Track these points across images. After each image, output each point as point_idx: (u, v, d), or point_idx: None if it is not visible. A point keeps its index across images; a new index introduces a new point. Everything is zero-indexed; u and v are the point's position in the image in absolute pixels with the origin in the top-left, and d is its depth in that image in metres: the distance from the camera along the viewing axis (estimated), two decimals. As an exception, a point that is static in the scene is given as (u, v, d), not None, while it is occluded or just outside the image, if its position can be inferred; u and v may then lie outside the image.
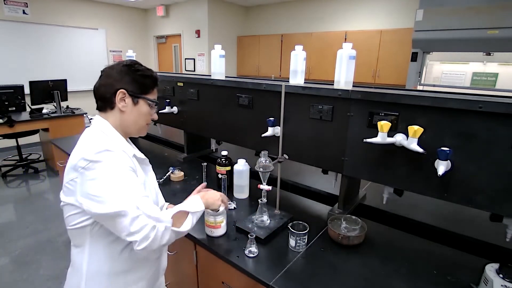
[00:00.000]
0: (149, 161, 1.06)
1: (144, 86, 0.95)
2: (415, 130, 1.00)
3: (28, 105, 4.03)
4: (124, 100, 0.92)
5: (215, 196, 1.08)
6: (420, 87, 3.69)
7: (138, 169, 0.94)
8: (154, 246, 0.83)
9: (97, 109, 0.96)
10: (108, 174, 0.80)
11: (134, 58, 2.34)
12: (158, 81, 1.00)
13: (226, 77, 1.75)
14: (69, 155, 0.89)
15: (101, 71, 0.95)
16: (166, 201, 1.16)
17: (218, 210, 1.13)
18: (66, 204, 0.87)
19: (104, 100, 0.93)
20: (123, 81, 0.92)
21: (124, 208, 0.79)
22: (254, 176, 1.51)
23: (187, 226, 0.92)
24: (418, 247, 1.21)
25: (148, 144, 2.65)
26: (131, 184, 0.83)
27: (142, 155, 1.00)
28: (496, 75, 3.42)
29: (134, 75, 0.93)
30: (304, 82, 1.40)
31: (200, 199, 1.00)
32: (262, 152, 1.26)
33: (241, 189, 1.59)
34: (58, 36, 5.53)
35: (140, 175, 0.94)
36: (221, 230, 1.23)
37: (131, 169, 0.86)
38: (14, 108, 3.87)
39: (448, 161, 0.97)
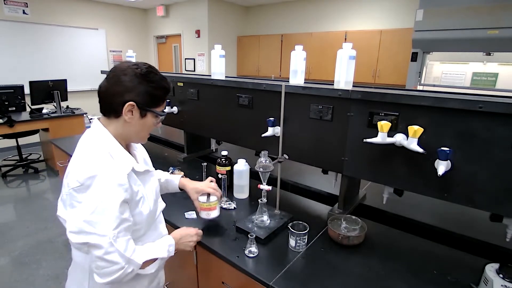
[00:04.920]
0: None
1: (156, 98, 0.89)
2: (415, 130, 1.00)
3: (28, 105, 4.03)
4: (132, 112, 0.86)
5: (189, 239, 1.10)
6: (420, 87, 3.69)
7: (135, 184, 0.89)
8: (114, 282, 0.84)
9: (101, 111, 0.90)
10: (93, 203, 0.78)
11: (134, 58, 2.36)
12: (170, 91, 0.94)
13: (226, 77, 1.75)
14: (69, 155, 0.89)
15: (111, 71, 0.87)
16: (166, 205, 1.13)
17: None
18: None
19: (110, 107, 0.87)
20: (134, 91, 0.84)
21: (100, 242, 0.78)
22: (254, 176, 1.51)
23: (151, 269, 0.96)
24: (418, 247, 1.21)
25: (148, 144, 2.65)
26: (114, 217, 0.80)
27: (141, 168, 0.94)
28: (496, 75, 3.42)
29: (147, 86, 0.86)
30: (304, 82, 1.40)
31: (173, 246, 1.01)
32: (262, 152, 1.26)
33: (241, 189, 1.59)
34: (58, 36, 5.53)
35: (137, 189, 0.89)
36: (216, 212, 1.25)
37: (121, 197, 0.81)
38: (14, 108, 3.87)
39: (448, 161, 0.97)
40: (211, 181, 1.27)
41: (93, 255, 0.80)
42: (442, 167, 0.96)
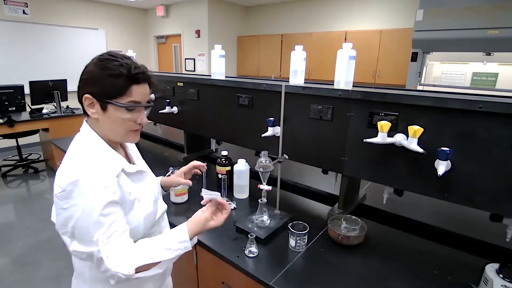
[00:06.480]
0: (150, 162, 1.03)
1: (114, 88, 0.77)
2: (415, 130, 1.00)
3: (28, 105, 4.03)
4: (93, 106, 0.79)
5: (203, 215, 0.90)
6: (420, 87, 3.69)
7: (126, 185, 0.83)
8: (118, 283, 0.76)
9: None
10: (78, 209, 0.73)
11: (134, 58, 2.36)
12: (140, 75, 0.79)
13: (226, 77, 1.75)
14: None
15: None
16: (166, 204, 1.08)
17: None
18: None
19: (81, 105, 0.82)
20: (90, 83, 0.78)
21: (90, 249, 0.73)
22: (254, 176, 1.51)
23: (157, 270, 0.81)
24: (418, 247, 1.21)
25: (148, 144, 2.65)
26: (102, 222, 0.73)
27: (132, 168, 0.87)
28: (496, 75, 3.42)
29: (101, 74, 0.76)
30: (304, 82, 1.40)
31: (188, 242, 0.84)
32: (262, 152, 1.26)
33: (241, 189, 1.59)
34: (58, 36, 5.53)
35: (129, 190, 0.83)
36: (186, 195, 1.52)
37: (107, 199, 0.74)
38: (14, 108, 3.87)
39: (448, 161, 0.97)
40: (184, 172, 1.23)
41: (92, 260, 0.76)
42: (442, 167, 0.96)
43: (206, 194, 0.91)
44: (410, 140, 1.02)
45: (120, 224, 0.77)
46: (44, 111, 4.14)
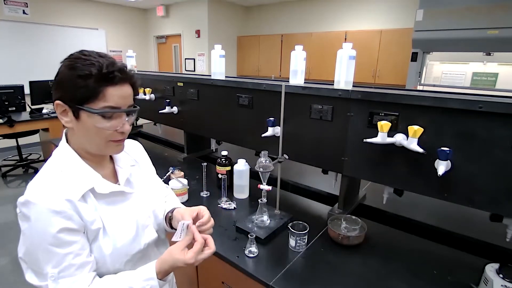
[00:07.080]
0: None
1: (84, 91, 0.65)
2: (415, 130, 1.00)
3: (28, 105, 4.03)
4: (66, 114, 0.69)
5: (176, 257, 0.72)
6: (420, 87, 3.69)
7: (90, 211, 0.70)
8: None
9: None
10: (28, 236, 0.66)
11: (134, 58, 2.36)
12: (115, 74, 0.66)
13: (226, 77, 1.75)
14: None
15: None
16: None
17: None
18: None
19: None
20: (59, 86, 0.68)
21: (40, 283, 0.66)
22: (254, 176, 1.51)
23: None
24: (418, 247, 1.21)
25: (148, 144, 2.65)
26: (52, 253, 0.64)
27: (106, 189, 0.73)
28: (496, 75, 3.42)
29: (70, 76, 0.66)
30: (304, 82, 1.40)
31: (154, 280, 0.70)
32: (262, 152, 1.26)
33: (241, 189, 1.59)
34: (58, 36, 5.53)
35: (92, 218, 0.69)
36: (186, 197, 1.52)
37: (57, 226, 0.63)
38: (14, 108, 3.86)
39: (448, 161, 0.97)
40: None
41: None
42: (442, 167, 0.96)
43: (179, 233, 0.76)
44: (410, 140, 1.02)
45: (78, 257, 0.66)
46: (44, 111, 4.14)
